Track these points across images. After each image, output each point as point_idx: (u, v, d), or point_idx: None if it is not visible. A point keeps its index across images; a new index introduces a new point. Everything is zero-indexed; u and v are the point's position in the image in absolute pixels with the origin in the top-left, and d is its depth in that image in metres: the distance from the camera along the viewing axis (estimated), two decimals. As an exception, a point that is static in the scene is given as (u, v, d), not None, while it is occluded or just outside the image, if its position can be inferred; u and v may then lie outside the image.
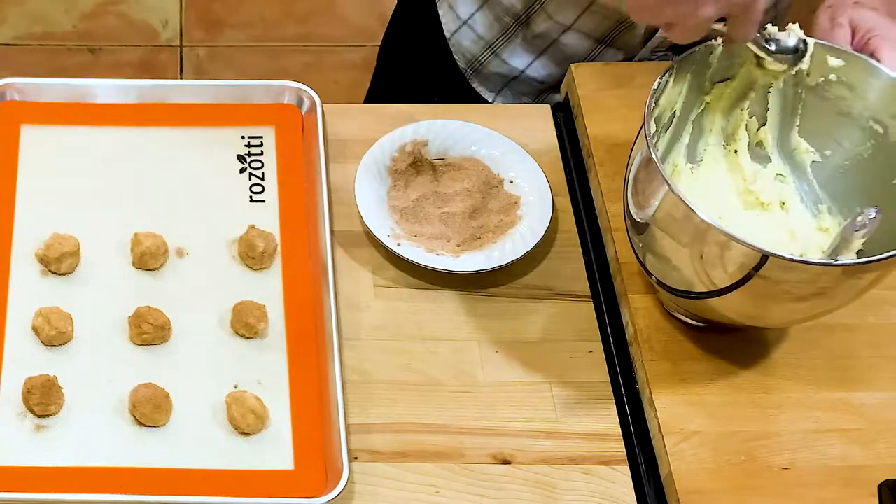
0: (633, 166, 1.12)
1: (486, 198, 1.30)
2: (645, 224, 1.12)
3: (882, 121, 1.14)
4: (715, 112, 1.21)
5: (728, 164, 1.23)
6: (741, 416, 1.15)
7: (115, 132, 1.33)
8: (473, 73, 1.52)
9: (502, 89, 1.52)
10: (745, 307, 1.11)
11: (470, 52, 1.50)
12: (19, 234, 1.24)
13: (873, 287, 1.09)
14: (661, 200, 1.08)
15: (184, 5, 2.87)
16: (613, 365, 1.21)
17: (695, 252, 1.07)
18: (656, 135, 1.17)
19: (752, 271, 1.04)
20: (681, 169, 1.22)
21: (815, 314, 1.13)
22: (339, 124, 1.37)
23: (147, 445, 1.12)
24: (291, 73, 1.36)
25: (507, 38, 1.46)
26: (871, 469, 1.11)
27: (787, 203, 1.22)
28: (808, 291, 1.06)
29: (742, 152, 1.23)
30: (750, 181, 1.22)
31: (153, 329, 1.17)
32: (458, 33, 1.50)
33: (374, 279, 1.25)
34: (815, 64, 1.16)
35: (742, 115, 1.21)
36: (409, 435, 1.15)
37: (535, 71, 1.47)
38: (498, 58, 1.48)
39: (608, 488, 1.12)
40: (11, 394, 1.14)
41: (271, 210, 1.28)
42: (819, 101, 1.18)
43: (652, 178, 1.08)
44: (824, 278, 1.05)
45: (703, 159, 1.23)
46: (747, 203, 1.22)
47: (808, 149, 1.21)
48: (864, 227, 1.07)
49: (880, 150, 1.15)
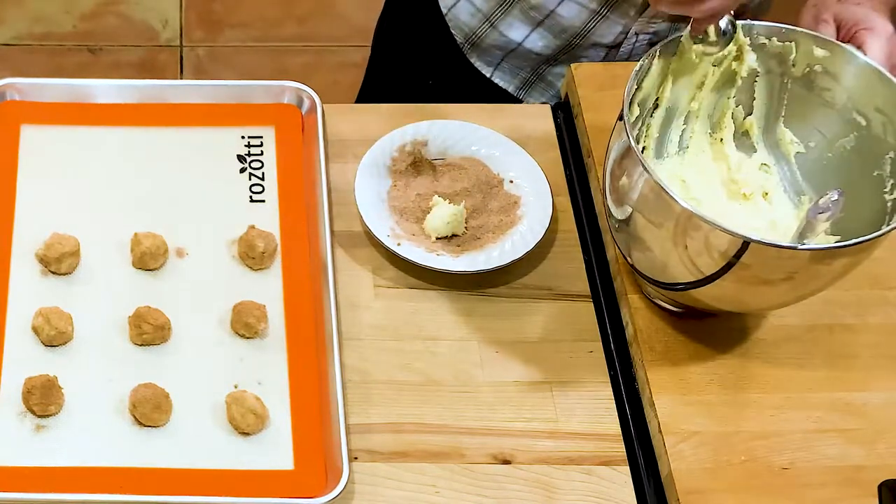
0: (613, 153, 1.13)
1: (486, 198, 1.30)
2: (623, 207, 1.12)
3: (865, 113, 1.15)
4: (700, 99, 1.21)
5: (714, 153, 1.24)
6: (741, 416, 1.15)
7: (115, 132, 1.33)
8: (472, 47, 1.53)
9: (500, 63, 1.52)
10: (727, 293, 1.11)
11: (467, 26, 1.51)
12: (19, 234, 1.24)
13: (847, 273, 1.09)
14: (640, 186, 1.08)
15: (184, 5, 2.87)
16: (613, 365, 1.21)
17: (678, 241, 1.08)
18: (640, 119, 1.18)
19: (734, 258, 1.05)
20: (665, 156, 1.22)
21: (791, 299, 1.13)
22: (339, 124, 1.37)
23: (147, 445, 1.12)
24: (291, 73, 1.36)
25: (504, 9, 1.46)
26: (871, 469, 1.11)
27: (770, 194, 1.22)
28: (777, 276, 1.07)
29: (728, 141, 1.23)
30: (734, 170, 1.22)
31: (153, 329, 1.17)
32: (455, 7, 1.51)
33: (374, 279, 1.25)
34: (801, 54, 1.17)
35: (728, 103, 1.22)
36: (409, 435, 1.15)
37: (533, 43, 1.48)
38: (496, 30, 1.48)
39: (608, 488, 1.12)
40: (11, 394, 1.14)
41: (271, 210, 1.28)
42: (805, 92, 1.19)
43: (631, 164, 1.09)
44: (791, 263, 1.05)
45: (689, 147, 1.24)
46: (731, 193, 1.22)
47: (792, 139, 1.21)
48: (828, 210, 1.07)
49: (863, 141, 1.16)
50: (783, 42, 1.17)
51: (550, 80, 1.52)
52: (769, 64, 1.19)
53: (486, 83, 1.54)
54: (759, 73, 1.19)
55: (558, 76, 1.51)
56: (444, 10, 1.52)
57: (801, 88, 1.19)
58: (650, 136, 1.21)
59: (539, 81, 1.52)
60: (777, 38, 1.17)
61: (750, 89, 1.21)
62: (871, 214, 1.11)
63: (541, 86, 1.53)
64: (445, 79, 1.34)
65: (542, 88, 1.53)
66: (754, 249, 1.04)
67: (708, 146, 1.24)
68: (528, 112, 1.42)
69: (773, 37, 1.17)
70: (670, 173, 1.23)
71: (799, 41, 1.17)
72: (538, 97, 1.52)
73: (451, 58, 1.53)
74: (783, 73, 1.19)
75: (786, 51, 1.18)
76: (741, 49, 1.18)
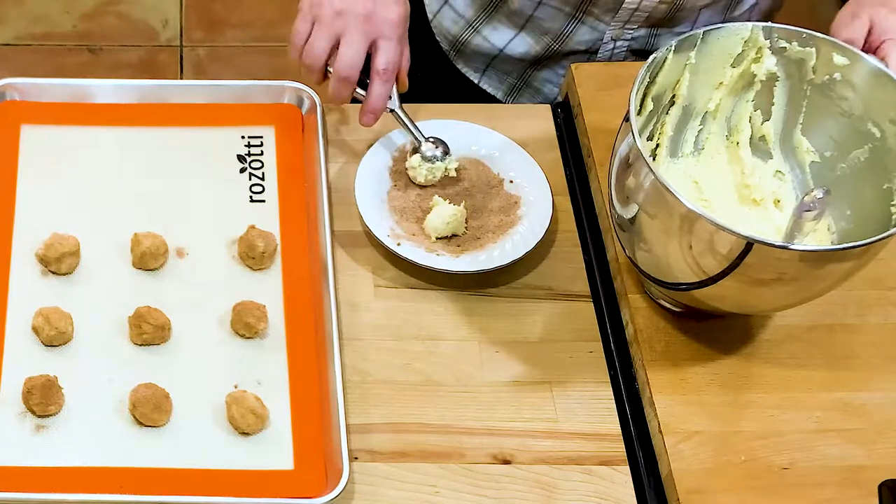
0: (620, 152, 1.12)
1: (486, 198, 1.30)
2: (629, 206, 1.12)
3: (880, 124, 1.14)
4: (718, 100, 1.21)
5: (729, 156, 1.24)
6: (741, 416, 1.15)
7: (115, 132, 1.33)
8: (457, 53, 1.53)
9: (487, 69, 1.53)
10: (730, 294, 1.11)
11: (451, 33, 1.52)
12: (19, 234, 1.24)
13: (849, 277, 1.09)
14: (647, 186, 1.08)
15: (184, 5, 2.87)
16: (613, 365, 1.21)
17: (683, 241, 1.08)
18: (654, 114, 1.18)
19: (737, 260, 1.05)
20: (679, 155, 1.22)
21: (794, 302, 1.13)
22: (339, 124, 1.37)
23: (147, 445, 1.12)
24: (292, 73, 1.35)
25: (486, 14, 1.47)
26: (871, 469, 1.11)
27: (781, 201, 1.22)
28: (779, 278, 1.06)
29: (744, 145, 1.23)
30: (748, 175, 1.22)
31: (153, 329, 1.17)
32: (439, 14, 1.52)
33: (374, 279, 1.25)
34: (821, 60, 1.16)
35: (746, 106, 1.21)
36: (409, 435, 1.15)
37: (515, 47, 1.48)
38: (479, 34, 1.49)
39: (608, 488, 1.12)
40: (11, 394, 1.14)
41: (271, 210, 1.28)
42: (823, 100, 1.18)
43: (638, 164, 1.08)
44: (791, 264, 1.05)
45: (705, 148, 1.24)
46: (742, 197, 1.22)
47: (808, 148, 1.21)
48: (814, 209, 1.07)
49: (876, 153, 1.15)
50: (803, 47, 1.16)
51: (537, 85, 1.52)
52: (789, 69, 1.18)
53: (475, 90, 1.55)
54: (779, 78, 1.19)
55: (544, 81, 1.51)
56: (429, 16, 1.53)
57: (820, 96, 1.18)
58: (664, 134, 1.21)
59: (526, 87, 1.53)
60: (798, 43, 1.16)
61: (769, 94, 1.20)
62: (875, 227, 1.10)
63: (528, 91, 1.53)
64: (434, 87, 1.36)
65: (531, 94, 1.53)
66: (757, 250, 1.03)
67: (724, 149, 1.24)
68: (528, 112, 1.42)
69: (793, 41, 1.17)
70: (684, 173, 1.23)
71: (819, 47, 1.16)
72: (527, 102, 1.53)
73: (439, 66, 1.54)
74: (803, 79, 1.18)
75: (806, 56, 1.17)
76: (760, 51, 1.17)
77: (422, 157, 1.29)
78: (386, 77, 1.26)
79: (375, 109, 1.28)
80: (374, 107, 1.27)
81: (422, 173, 1.29)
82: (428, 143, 1.30)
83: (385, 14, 1.25)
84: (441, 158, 1.29)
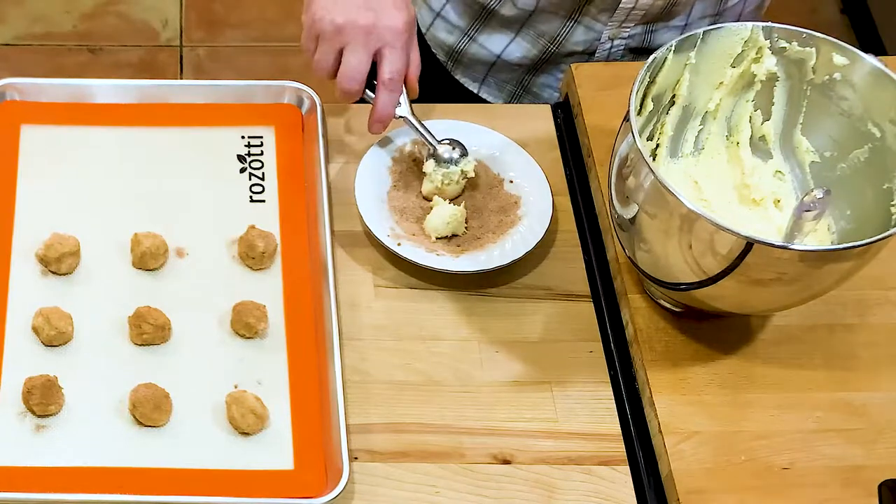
0: (620, 152, 1.12)
1: (486, 198, 1.30)
2: (629, 206, 1.12)
3: (880, 124, 1.14)
4: (718, 100, 1.21)
5: (729, 156, 1.24)
6: (741, 416, 1.15)
7: (115, 132, 1.33)
8: (455, 64, 1.53)
9: (485, 77, 1.52)
10: (730, 294, 1.11)
11: (447, 44, 1.51)
12: (19, 234, 1.24)
13: (849, 277, 1.09)
14: (647, 186, 1.08)
15: (184, 5, 2.87)
16: (613, 365, 1.21)
17: (683, 241, 1.08)
18: (654, 114, 1.17)
19: (737, 259, 1.05)
20: (679, 155, 1.22)
21: (794, 301, 1.13)
22: (339, 124, 1.37)
23: (147, 445, 1.12)
24: (292, 73, 1.35)
25: (480, 22, 1.47)
26: (871, 469, 1.11)
27: (781, 201, 1.22)
28: (779, 278, 1.06)
29: (744, 145, 1.23)
30: (748, 175, 1.22)
31: (153, 329, 1.17)
32: (433, 26, 1.52)
33: (374, 279, 1.25)
34: (821, 60, 1.16)
35: (746, 106, 1.21)
36: (409, 435, 1.15)
37: (514, 51, 1.48)
38: (475, 42, 1.49)
39: (608, 488, 1.12)
40: (11, 394, 1.14)
41: (271, 210, 1.28)
42: (823, 100, 1.18)
43: (638, 164, 1.08)
44: (791, 264, 1.05)
45: (705, 148, 1.24)
46: (742, 197, 1.22)
47: (808, 148, 1.21)
48: (814, 209, 1.07)
49: (876, 153, 1.15)
50: (803, 47, 1.16)
51: (536, 91, 1.52)
52: (789, 69, 1.18)
53: (475, 100, 1.54)
54: (779, 78, 1.19)
55: (543, 86, 1.51)
56: (423, 29, 1.53)
57: (820, 96, 1.18)
58: (665, 134, 1.21)
59: (525, 94, 1.53)
60: (798, 43, 1.16)
61: (769, 94, 1.20)
62: (875, 227, 1.10)
63: (528, 98, 1.53)
64: (434, 99, 1.36)
65: (530, 101, 1.53)
66: (757, 250, 1.03)
67: (724, 149, 1.24)
68: (528, 112, 1.42)
69: (793, 41, 1.17)
70: (684, 173, 1.23)
71: (819, 47, 1.16)
72: None
73: (438, 78, 1.54)
74: (802, 79, 1.18)
75: (806, 56, 1.17)
76: (760, 51, 1.17)
77: (437, 161, 1.28)
78: (391, 86, 1.25)
79: (382, 118, 1.27)
80: (381, 116, 1.27)
81: (437, 178, 1.27)
82: (443, 144, 1.29)
83: (387, 23, 1.24)
84: (457, 161, 1.28)
